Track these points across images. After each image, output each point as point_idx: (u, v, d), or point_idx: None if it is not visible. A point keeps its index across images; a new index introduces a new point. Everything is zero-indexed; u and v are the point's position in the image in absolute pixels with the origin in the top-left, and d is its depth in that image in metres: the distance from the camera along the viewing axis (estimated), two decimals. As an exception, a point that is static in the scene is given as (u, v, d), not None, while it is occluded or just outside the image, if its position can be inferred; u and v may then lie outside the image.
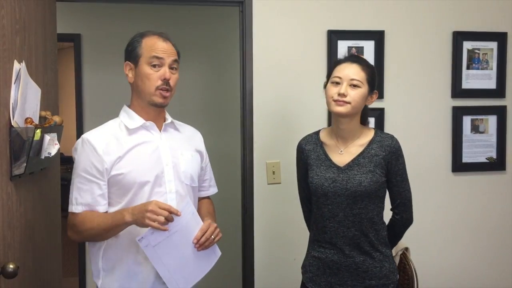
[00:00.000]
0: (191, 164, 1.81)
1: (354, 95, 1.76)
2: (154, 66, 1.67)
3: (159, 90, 1.67)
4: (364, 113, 1.89)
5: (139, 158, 1.67)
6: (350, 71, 1.78)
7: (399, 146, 1.84)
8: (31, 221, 1.78)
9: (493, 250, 2.80)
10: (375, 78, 1.84)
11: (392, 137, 1.86)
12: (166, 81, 1.67)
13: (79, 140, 1.69)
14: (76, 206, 1.65)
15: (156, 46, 1.68)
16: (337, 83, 1.79)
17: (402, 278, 1.96)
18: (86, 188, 1.64)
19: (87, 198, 1.64)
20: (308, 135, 1.99)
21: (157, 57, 1.67)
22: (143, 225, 1.54)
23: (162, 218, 1.51)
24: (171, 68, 1.70)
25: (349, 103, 1.76)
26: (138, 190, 1.65)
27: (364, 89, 1.78)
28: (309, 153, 1.93)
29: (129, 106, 1.77)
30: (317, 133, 1.97)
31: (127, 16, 3.55)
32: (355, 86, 1.77)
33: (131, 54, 1.71)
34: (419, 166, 2.59)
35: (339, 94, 1.76)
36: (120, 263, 1.67)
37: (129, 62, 1.72)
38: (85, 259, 3.60)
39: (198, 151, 1.87)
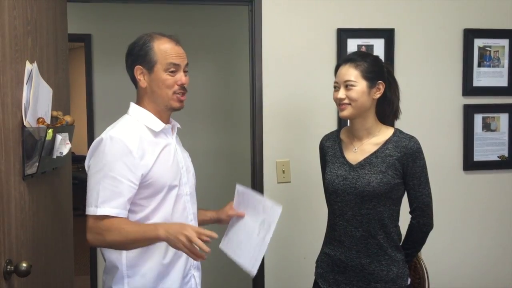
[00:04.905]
0: (192, 165, 1.83)
1: (350, 95, 1.77)
2: (172, 72, 1.64)
3: (176, 94, 1.66)
4: (382, 110, 1.86)
5: (167, 162, 1.65)
6: (343, 73, 1.80)
7: (418, 148, 1.78)
8: (43, 220, 1.79)
9: (505, 249, 2.78)
10: (375, 70, 1.79)
11: (411, 138, 1.80)
12: (182, 86, 1.66)
13: (106, 138, 1.57)
14: (101, 209, 1.52)
15: (171, 52, 1.64)
16: (337, 88, 1.83)
17: (413, 278, 1.94)
18: (117, 190, 1.53)
19: (118, 202, 1.53)
20: (331, 132, 2.02)
21: (174, 64, 1.64)
22: (175, 247, 1.46)
23: (197, 249, 1.43)
24: (184, 71, 1.68)
25: (349, 104, 1.78)
26: (167, 194, 1.63)
27: (360, 86, 1.77)
28: (328, 150, 1.94)
29: (138, 105, 1.70)
30: (339, 130, 1.99)
31: (137, 16, 3.57)
32: (350, 86, 1.77)
33: (144, 59, 1.64)
34: (431, 165, 2.54)
35: (339, 99, 1.80)
36: (147, 266, 1.61)
37: (141, 67, 1.65)
38: (97, 258, 3.62)
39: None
